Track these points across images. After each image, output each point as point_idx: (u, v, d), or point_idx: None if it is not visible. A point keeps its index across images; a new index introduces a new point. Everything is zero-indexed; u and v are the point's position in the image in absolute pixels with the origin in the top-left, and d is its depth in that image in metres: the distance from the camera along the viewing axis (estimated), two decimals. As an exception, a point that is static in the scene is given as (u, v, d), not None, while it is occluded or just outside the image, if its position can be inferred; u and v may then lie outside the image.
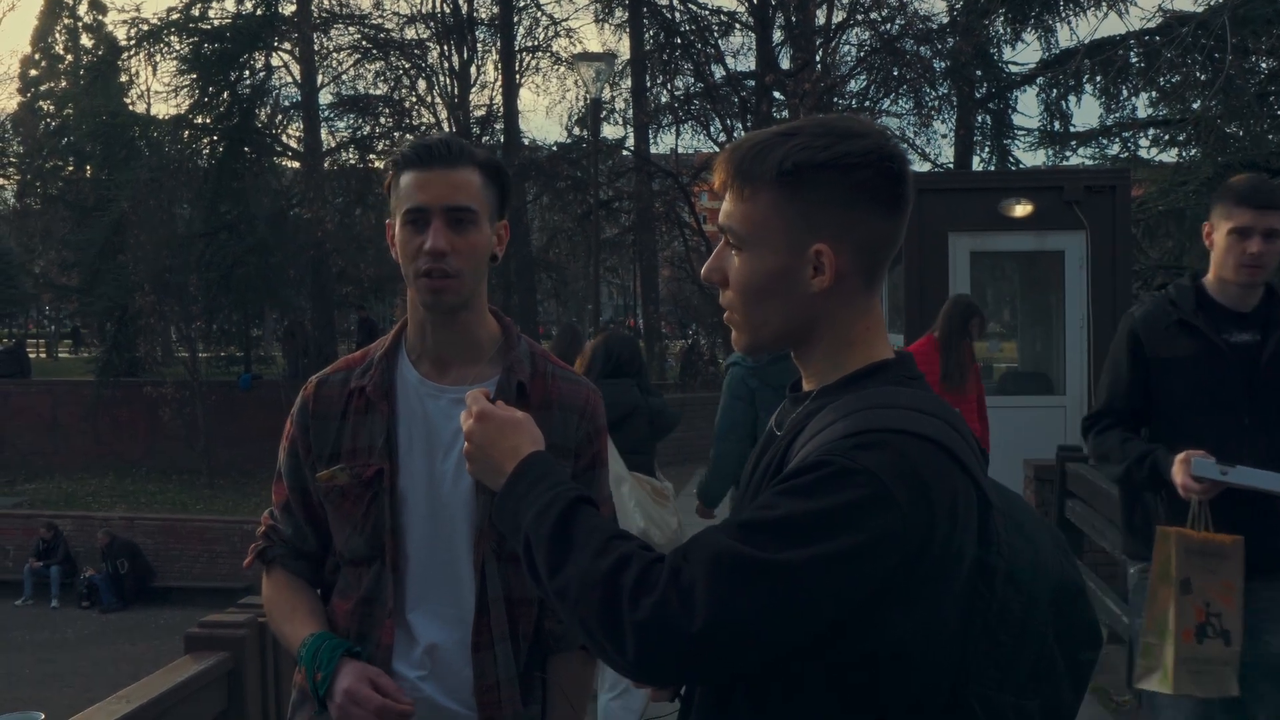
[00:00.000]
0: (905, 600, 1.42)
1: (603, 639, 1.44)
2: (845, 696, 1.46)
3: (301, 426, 2.37)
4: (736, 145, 1.63)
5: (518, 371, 2.34)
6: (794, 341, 1.64)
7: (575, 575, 1.47)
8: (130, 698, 2.77)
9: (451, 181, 2.24)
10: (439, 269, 2.22)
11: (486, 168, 2.30)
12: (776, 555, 1.38)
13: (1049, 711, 1.56)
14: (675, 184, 27.14)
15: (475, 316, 2.34)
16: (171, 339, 29.98)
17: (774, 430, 1.67)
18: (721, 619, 1.37)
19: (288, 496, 2.40)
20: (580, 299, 41.72)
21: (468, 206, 2.24)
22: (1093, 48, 19.14)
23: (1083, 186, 12.58)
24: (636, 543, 1.50)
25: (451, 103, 30.16)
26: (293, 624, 2.32)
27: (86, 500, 25.80)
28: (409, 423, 2.32)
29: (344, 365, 2.43)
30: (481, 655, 2.28)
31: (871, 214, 1.56)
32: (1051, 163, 24.59)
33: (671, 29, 27.64)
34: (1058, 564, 1.60)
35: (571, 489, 1.60)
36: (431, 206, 2.22)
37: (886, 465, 1.41)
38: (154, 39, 30.70)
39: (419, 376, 2.34)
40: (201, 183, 29.52)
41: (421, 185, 2.23)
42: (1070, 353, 12.64)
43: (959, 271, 12.35)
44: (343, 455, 2.32)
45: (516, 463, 1.67)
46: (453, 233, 2.23)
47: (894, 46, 24.99)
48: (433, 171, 2.23)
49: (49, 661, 18.07)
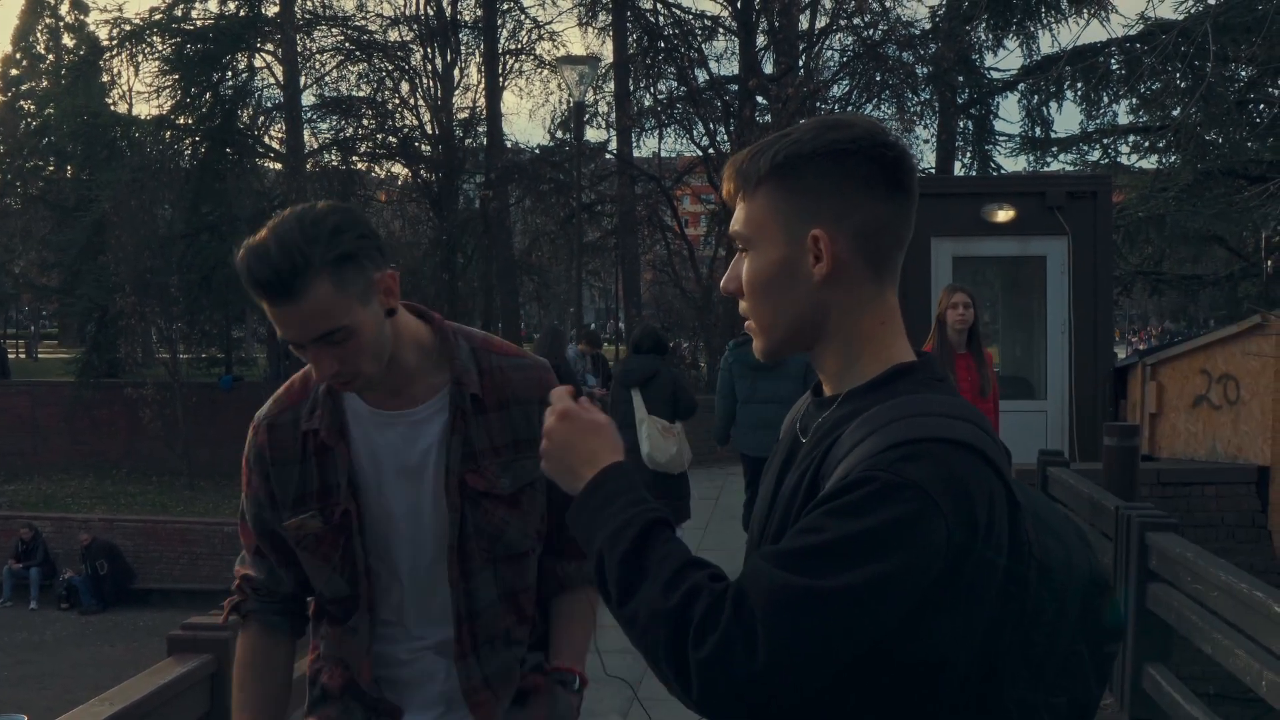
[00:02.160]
0: (947, 607, 1.42)
1: (669, 673, 1.44)
2: (883, 707, 1.46)
3: (261, 475, 2.29)
4: (739, 154, 1.64)
5: (467, 384, 2.26)
6: (806, 340, 1.62)
7: (644, 606, 1.46)
8: (113, 700, 2.76)
9: (304, 314, 2.03)
10: (339, 384, 2.15)
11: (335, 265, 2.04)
12: (832, 582, 1.37)
13: (1076, 706, 1.57)
14: (658, 187, 27.14)
15: (399, 353, 2.21)
16: (152, 340, 29.87)
17: (798, 434, 1.66)
18: (783, 656, 1.37)
19: (256, 542, 2.34)
20: (562, 302, 41.72)
21: (334, 329, 2.05)
22: (1074, 54, 19.22)
23: (1064, 192, 12.64)
24: (707, 572, 1.48)
25: (434, 105, 30.13)
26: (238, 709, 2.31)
27: (66, 501, 25.67)
28: (370, 457, 2.26)
29: (288, 402, 2.31)
30: (464, 663, 2.30)
31: (867, 199, 1.55)
32: (1033, 168, 24.70)
33: (655, 33, 27.65)
34: (1085, 559, 1.60)
35: (648, 510, 1.56)
36: (301, 342, 2.07)
37: (931, 476, 1.40)
38: (136, 39, 30.63)
39: (369, 408, 2.26)
40: (183, 183, 29.44)
41: (281, 320, 2.06)
42: (1052, 357, 12.70)
43: (941, 276, 12.38)
44: (309, 498, 2.26)
45: (594, 472, 1.63)
46: (334, 348, 2.08)
47: (877, 52, 25.06)
48: (283, 309, 2.03)
49: (27, 663, 17.97)
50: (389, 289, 2.13)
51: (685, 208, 32.98)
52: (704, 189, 30.40)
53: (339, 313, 2.04)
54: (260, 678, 2.32)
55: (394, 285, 2.14)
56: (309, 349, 2.07)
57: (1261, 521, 10.65)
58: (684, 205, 31.85)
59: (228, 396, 27.99)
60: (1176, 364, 12.25)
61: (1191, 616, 5.01)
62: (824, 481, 1.50)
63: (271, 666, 2.34)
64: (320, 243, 2.02)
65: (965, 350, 7.16)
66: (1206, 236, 20.85)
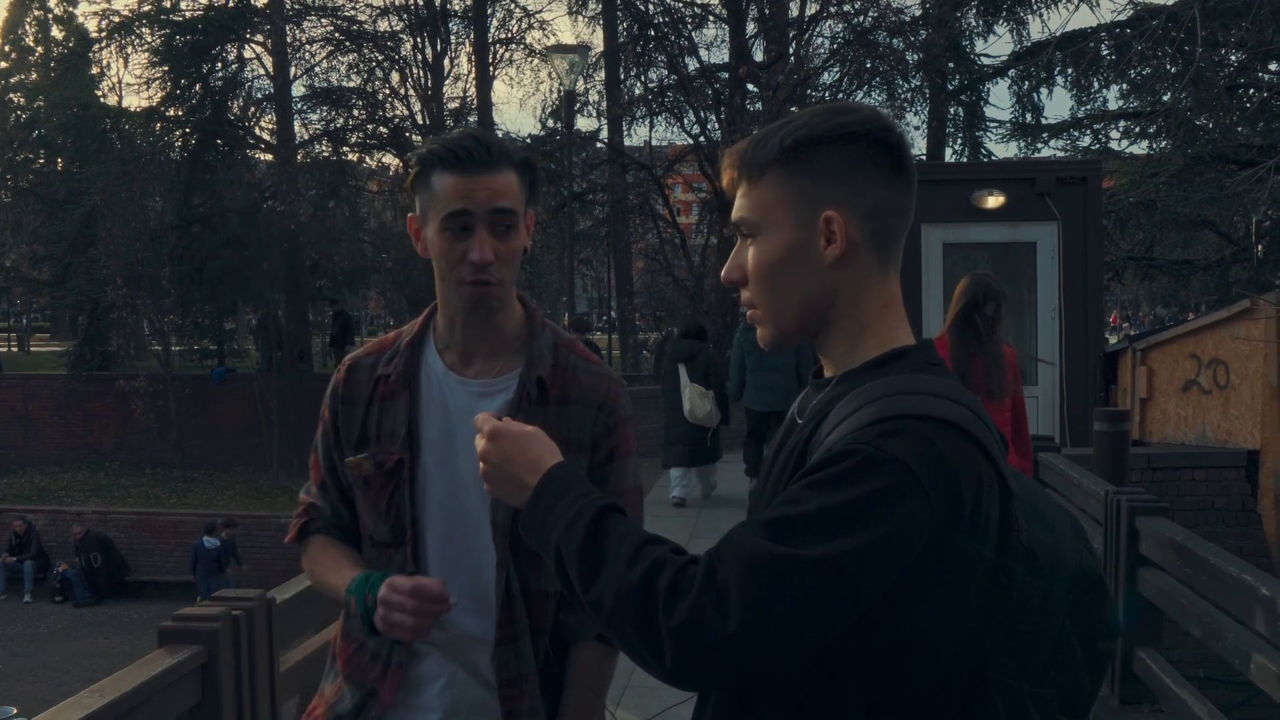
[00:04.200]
0: (931, 587, 1.42)
1: (640, 647, 1.43)
2: (868, 687, 1.46)
3: (333, 410, 2.38)
4: (739, 144, 1.65)
5: (539, 366, 2.32)
6: (813, 326, 1.63)
7: (609, 586, 1.46)
8: (104, 691, 2.75)
9: (493, 187, 2.19)
10: (486, 278, 2.21)
11: (522, 166, 2.26)
12: (809, 551, 1.37)
13: (1068, 700, 1.57)
14: (649, 176, 27.12)
15: (506, 313, 2.33)
16: (144, 332, 29.77)
17: (795, 417, 1.67)
18: (757, 620, 1.37)
19: (324, 476, 2.42)
20: (555, 291, 41.65)
21: (510, 209, 2.21)
22: (1064, 40, 19.20)
23: (1054, 178, 12.66)
24: (668, 546, 1.48)
25: (425, 95, 30.08)
26: (339, 573, 2.32)
27: (59, 495, 25.65)
28: (430, 414, 2.32)
29: (375, 349, 2.42)
30: (504, 649, 2.29)
31: (876, 181, 1.57)
32: (1023, 154, 24.70)
33: (645, 21, 27.59)
34: (1077, 552, 1.60)
35: (598, 498, 1.58)
36: (476, 212, 2.18)
37: (913, 452, 1.40)
38: (125, 31, 30.49)
39: (444, 367, 2.34)
40: (174, 175, 29.30)
41: (463, 191, 2.18)
42: (1042, 343, 12.73)
43: (932, 263, 12.40)
44: (369, 442, 2.33)
45: (539, 476, 1.65)
46: (496, 239, 2.20)
47: (867, 39, 25.01)
48: (474, 177, 2.19)
49: (21, 656, 17.99)
50: (529, 227, 2.32)
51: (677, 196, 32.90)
52: (695, 177, 30.36)
53: (516, 200, 2.23)
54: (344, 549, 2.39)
55: (532, 228, 2.34)
56: (479, 226, 2.19)
57: (1251, 505, 10.69)
58: (675, 194, 31.77)
59: (220, 388, 27.95)
60: (1166, 349, 12.28)
61: (1181, 600, 5.02)
62: (811, 455, 1.51)
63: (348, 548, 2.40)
64: (516, 148, 2.28)
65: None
66: (1197, 221, 20.88)
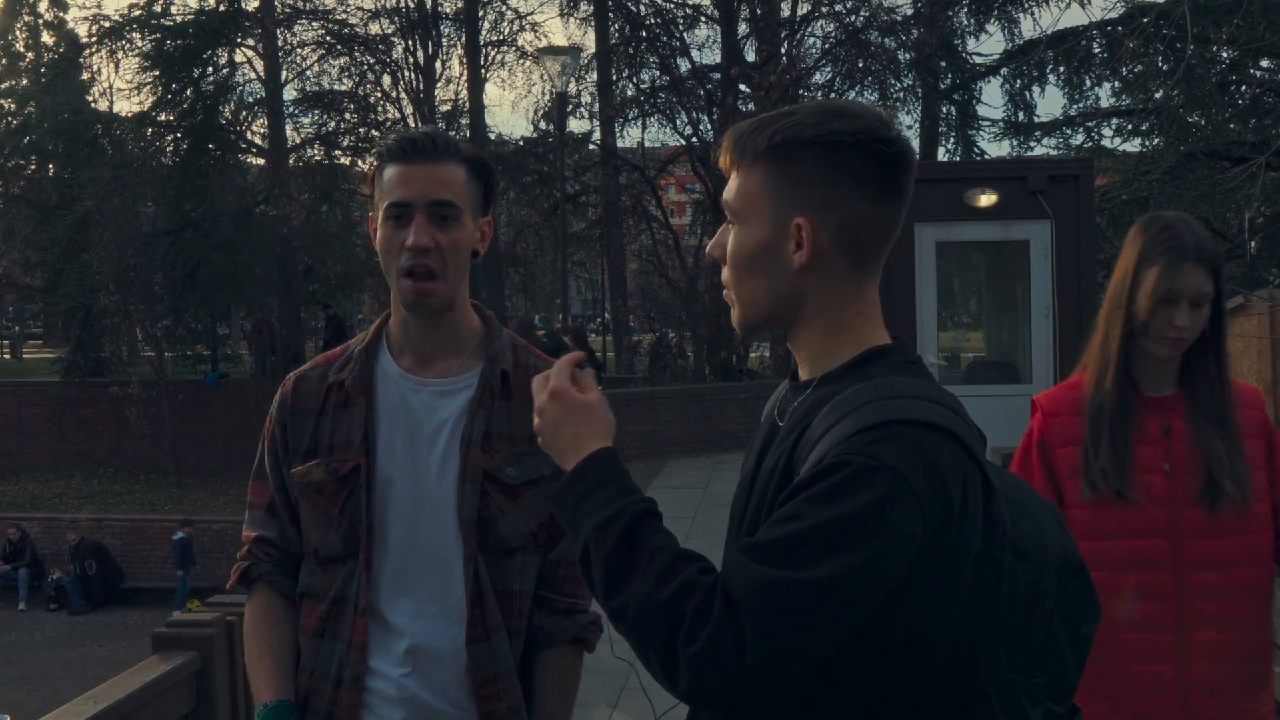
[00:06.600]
0: (926, 589, 1.44)
1: (657, 664, 1.45)
2: (865, 689, 1.47)
3: (279, 424, 2.35)
4: (739, 124, 1.65)
5: (501, 361, 2.33)
6: (783, 321, 1.64)
7: (635, 599, 1.46)
8: (98, 699, 2.75)
9: (435, 176, 2.22)
10: (422, 265, 2.21)
11: (472, 163, 2.28)
12: (814, 572, 1.39)
13: (1054, 687, 1.58)
14: (642, 177, 27.14)
15: (458, 314, 2.34)
16: (137, 338, 29.72)
17: (775, 419, 1.67)
18: (770, 649, 1.39)
19: (271, 496, 2.37)
20: (548, 293, 41.71)
21: (451, 201, 2.22)
22: (1055, 38, 19.20)
23: (1047, 176, 12.65)
24: (697, 566, 1.48)
25: (417, 98, 30.09)
26: (258, 672, 2.30)
27: (53, 502, 25.56)
28: (389, 417, 2.30)
29: (322, 361, 2.41)
30: (478, 648, 2.26)
31: (855, 195, 1.55)
32: (1016, 153, 24.73)
33: (637, 22, 27.64)
34: (1059, 541, 1.61)
35: (636, 502, 1.55)
36: (415, 201, 2.20)
37: (905, 459, 1.41)
38: (116, 36, 30.43)
39: (400, 370, 2.33)
40: (165, 180, 29.24)
41: (405, 179, 2.21)
42: (1036, 342, 12.72)
43: (925, 261, 12.42)
44: (319, 451, 2.30)
45: (579, 458, 1.62)
46: (435, 229, 2.21)
47: (859, 38, 25.08)
48: (417, 166, 2.22)
49: (16, 664, 17.94)
50: (484, 233, 2.34)
51: (670, 197, 32.96)
52: (688, 178, 30.42)
53: (459, 194, 2.24)
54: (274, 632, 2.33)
55: (488, 234, 2.36)
56: (419, 215, 2.20)
57: (1246, 501, 10.69)
58: (668, 195, 31.82)
59: (214, 394, 27.89)
60: (1161, 346, 12.27)
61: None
62: (798, 465, 1.50)
63: (280, 629, 2.34)
64: (469, 147, 2.31)
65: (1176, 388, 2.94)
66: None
